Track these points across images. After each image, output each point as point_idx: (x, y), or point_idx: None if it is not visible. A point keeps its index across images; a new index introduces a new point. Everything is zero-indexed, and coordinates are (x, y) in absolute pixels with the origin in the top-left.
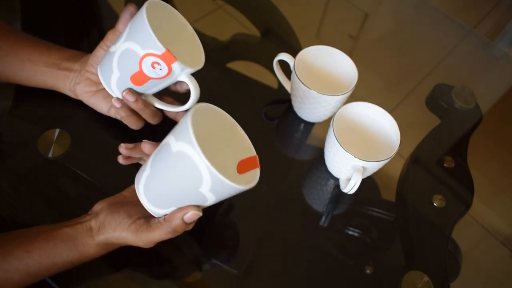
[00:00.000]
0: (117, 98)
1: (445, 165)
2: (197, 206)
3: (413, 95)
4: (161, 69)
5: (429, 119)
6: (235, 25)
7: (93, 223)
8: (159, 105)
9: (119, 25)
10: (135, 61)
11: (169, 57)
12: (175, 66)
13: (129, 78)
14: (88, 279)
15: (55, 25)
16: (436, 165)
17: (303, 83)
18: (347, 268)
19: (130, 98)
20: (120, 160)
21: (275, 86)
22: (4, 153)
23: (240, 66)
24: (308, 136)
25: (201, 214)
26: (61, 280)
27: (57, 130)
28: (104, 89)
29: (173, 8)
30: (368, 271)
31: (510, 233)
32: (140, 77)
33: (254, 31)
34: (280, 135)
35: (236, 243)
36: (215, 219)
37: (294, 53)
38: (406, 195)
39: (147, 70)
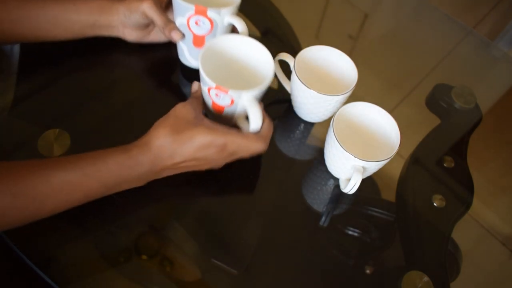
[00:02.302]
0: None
1: (445, 165)
2: None
3: (413, 95)
4: (204, 23)
5: (429, 119)
6: None
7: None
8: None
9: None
10: (186, 28)
11: (201, 8)
12: (210, 13)
13: (192, 44)
14: (88, 279)
15: None
16: (436, 165)
17: (303, 83)
18: (347, 268)
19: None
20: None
21: (275, 86)
22: (4, 153)
23: None
24: (308, 136)
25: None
26: (61, 280)
27: (57, 130)
28: (151, 28)
29: None
30: (368, 271)
31: (510, 233)
32: (198, 40)
33: (254, 31)
34: (280, 135)
35: (236, 243)
36: (215, 219)
37: (294, 53)
38: (406, 195)
39: (197, 30)
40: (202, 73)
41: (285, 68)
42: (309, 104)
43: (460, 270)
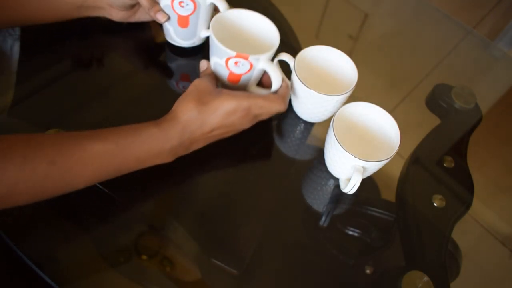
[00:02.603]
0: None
1: (445, 165)
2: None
3: (413, 95)
4: (187, 4)
5: (429, 119)
6: None
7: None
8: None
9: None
10: (171, 9)
11: None
12: None
13: (177, 25)
14: (88, 279)
15: None
16: (436, 165)
17: (303, 83)
18: (347, 268)
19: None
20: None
21: None
22: None
23: None
24: (308, 136)
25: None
26: (61, 280)
27: (57, 130)
28: (137, 8)
29: None
30: (368, 271)
31: (510, 233)
32: (182, 20)
33: None
34: (280, 135)
35: (236, 243)
36: (215, 219)
37: (294, 53)
38: (406, 195)
39: (181, 11)
40: (220, 46)
41: (285, 68)
42: (309, 104)
43: (460, 270)
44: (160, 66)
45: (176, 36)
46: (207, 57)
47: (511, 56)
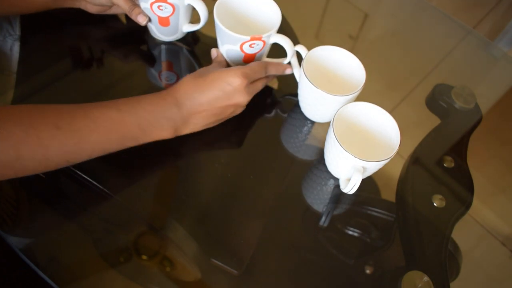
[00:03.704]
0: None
1: (445, 165)
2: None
3: (413, 95)
4: (166, 7)
5: (429, 119)
6: None
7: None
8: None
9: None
10: (150, 11)
11: None
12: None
13: (159, 25)
14: (88, 279)
15: None
16: (436, 165)
17: (311, 83)
18: (347, 268)
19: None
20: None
21: (279, 85)
22: None
23: None
24: (309, 136)
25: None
26: (61, 280)
27: None
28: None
29: None
30: (368, 271)
31: (510, 233)
32: (163, 20)
33: None
34: (284, 134)
35: (236, 243)
36: (215, 219)
37: None
38: (406, 195)
39: (160, 13)
40: (233, 34)
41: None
42: (318, 104)
43: (460, 270)
44: (159, 64)
45: (159, 32)
46: (195, 48)
47: (511, 56)
